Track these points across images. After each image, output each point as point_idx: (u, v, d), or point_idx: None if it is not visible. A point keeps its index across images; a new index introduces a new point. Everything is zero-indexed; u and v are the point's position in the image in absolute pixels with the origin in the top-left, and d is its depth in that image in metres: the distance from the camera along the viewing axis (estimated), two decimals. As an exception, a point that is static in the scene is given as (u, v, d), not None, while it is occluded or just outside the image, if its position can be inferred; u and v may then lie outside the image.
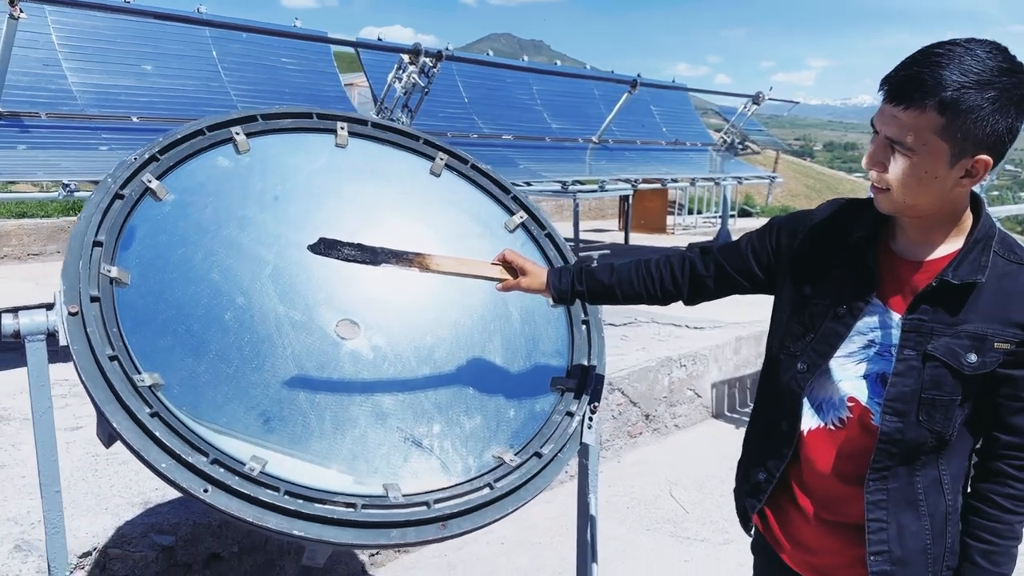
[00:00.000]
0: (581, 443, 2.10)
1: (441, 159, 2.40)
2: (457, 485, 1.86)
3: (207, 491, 1.60)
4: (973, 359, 1.43)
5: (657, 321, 6.45)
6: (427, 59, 7.12)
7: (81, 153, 5.29)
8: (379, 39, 8.00)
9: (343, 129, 2.31)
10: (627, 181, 9.23)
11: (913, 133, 1.35)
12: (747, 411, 5.62)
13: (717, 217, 14.57)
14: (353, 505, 1.70)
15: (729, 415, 5.87)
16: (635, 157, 10.61)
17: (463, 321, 2.18)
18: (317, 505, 1.67)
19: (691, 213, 16.28)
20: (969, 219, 1.48)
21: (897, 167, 1.39)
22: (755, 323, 6.10)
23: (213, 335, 1.88)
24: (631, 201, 12.86)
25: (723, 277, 1.80)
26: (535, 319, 2.24)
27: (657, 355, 5.37)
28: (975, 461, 1.55)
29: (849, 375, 1.54)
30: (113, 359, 1.67)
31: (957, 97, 1.31)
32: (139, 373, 1.70)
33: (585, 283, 1.94)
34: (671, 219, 15.43)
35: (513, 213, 2.39)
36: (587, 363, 2.19)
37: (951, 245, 1.48)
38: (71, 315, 1.71)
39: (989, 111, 1.32)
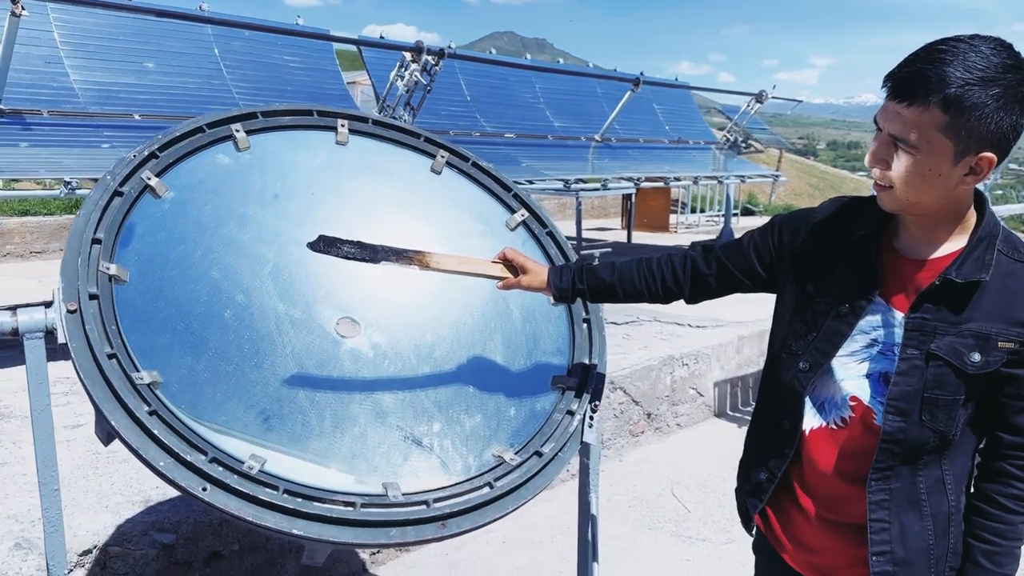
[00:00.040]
0: (582, 442, 2.09)
1: (442, 157, 2.39)
2: (457, 484, 1.85)
3: (205, 489, 1.59)
4: (977, 358, 1.42)
5: (659, 320, 6.43)
6: (429, 57, 7.10)
7: (83, 151, 5.29)
8: (382, 37, 7.99)
9: (343, 126, 2.30)
10: (630, 179, 9.21)
11: (917, 130, 1.34)
12: (749, 410, 5.60)
13: (720, 216, 14.55)
14: (352, 504, 1.69)
15: (731, 414, 5.86)
16: (638, 155, 10.59)
17: (464, 319, 2.17)
18: (316, 504, 1.66)
19: (694, 212, 16.27)
20: (973, 217, 1.47)
21: (900, 164, 1.38)
22: (757, 322, 6.09)
23: (212, 333, 1.87)
24: (634, 200, 12.83)
25: (725, 275, 1.79)
26: (536, 317, 2.23)
27: (659, 354, 5.35)
28: (978, 461, 1.54)
29: (851, 374, 1.53)
30: (112, 357, 1.67)
31: (961, 94, 1.30)
32: (138, 371, 1.70)
33: (586, 281, 1.93)
34: (674, 218, 15.42)
35: (514, 211, 2.38)
36: (588, 362, 2.18)
37: (955, 243, 1.46)
38: (69, 313, 1.70)
39: (993, 108, 1.30)
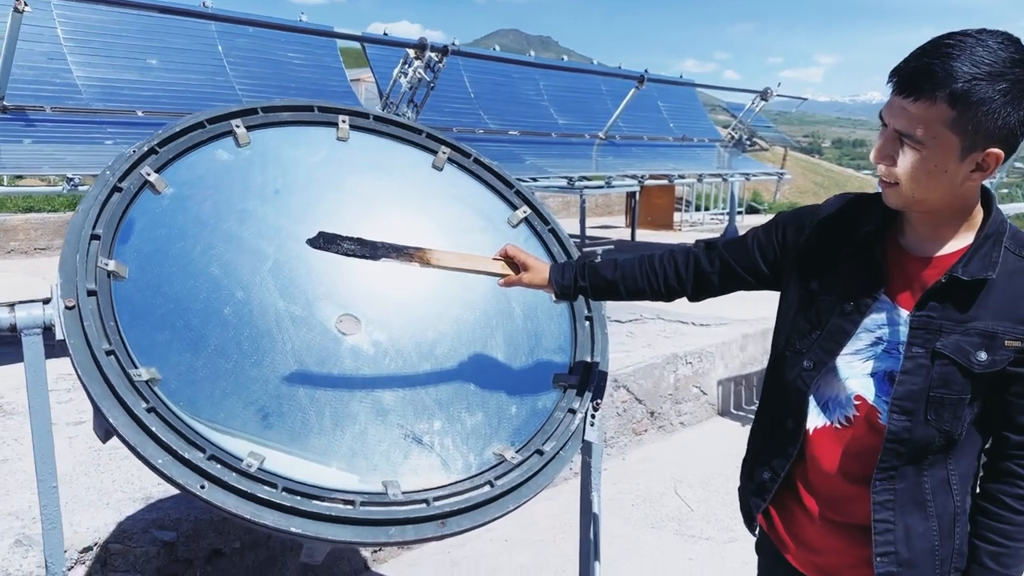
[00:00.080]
0: (584, 440, 2.07)
1: (444, 153, 2.38)
2: (457, 483, 1.84)
3: (204, 487, 1.58)
4: (983, 357, 1.40)
5: (663, 318, 6.42)
6: (433, 54, 7.09)
7: (86, 147, 5.30)
8: (385, 34, 7.99)
9: (344, 122, 2.29)
10: (634, 177, 9.20)
11: (923, 126, 1.32)
12: (753, 409, 5.58)
13: (724, 214, 14.53)
14: (352, 502, 1.68)
15: (735, 413, 5.84)
16: (642, 153, 10.58)
17: (465, 317, 2.15)
18: (315, 502, 1.65)
19: (698, 210, 16.25)
20: (980, 214, 1.45)
21: (906, 161, 1.36)
22: (761, 320, 6.07)
23: (212, 330, 1.86)
24: (638, 197, 12.82)
25: (728, 273, 1.77)
26: (537, 315, 2.21)
27: (663, 352, 5.34)
28: (984, 461, 1.52)
29: (856, 373, 1.51)
30: (110, 353, 1.66)
31: (968, 89, 1.28)
32: (136, 368, 1.69)
33: (588, 279, 1.92)
34: (678, 216, 15.40)
35: (516, 208, 2.37)
36: (590, 360, 2.16)
37: (961, 241, 1.44)
38: (68, 309, 1.69)
39: (1001, 103, 1.28)
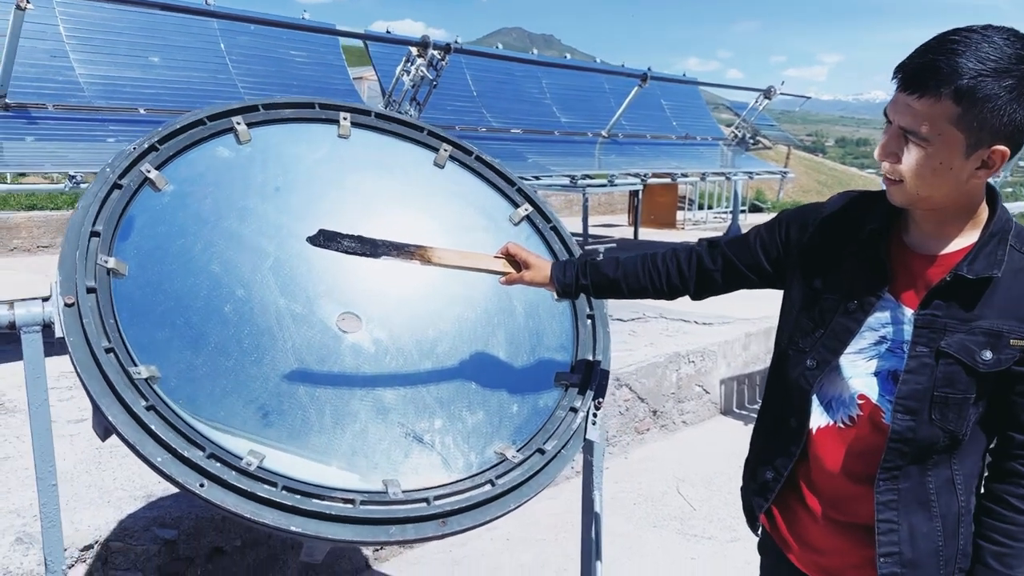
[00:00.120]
0: (585, 439, 2.06)
1: (445, 150, 2.37)
2: (458, 481, 1.83)
3: (203, 486, 1.57)
4: (988, 356, 1.39)
5: (665, 316, 6.40)
6: (435, 52, 7.09)
7: (88, 145, 5.29)
8: (388, 32, 7.98)
9: (346, 119, 2.28)
10: (637, 176, 9.18)
11: (928, 123, 1.31)
12: (756, 408, 5.57)
13: (728, 212, 14.52)
14: (352, 501, 1.67)
15: (738, 412, 5.82)
16: (645, 151, 10.56)
17: (466, 315, 2.14)
18: (315, 501, 1.64)
19: (701, 208, 16.24)
20: (985, 212, 1.44)
21: (911, 158, 1.35)
22: (764, 319, 6.05)
23: (212, 327, 1.85)
24: (641, 196, 12.80)
25: (731, 271, 1.76)
26: (539, 313, 2.20)
27: (665, 351, 5.32)
28: (989, 461, 1.51)
29: (859, 372, 1.50)
30: (109, 351, 1.65)
31: (974, 85, 1.26)
32: (135, 365, 1.68)
33: (589, 277, 1.91)
34: (681, 214, 15.39)
35: (518, 205, 2.36)
36: (592, 358, 2.15)
37: (966, 239, 1.43)
38: (67, 306, 1.68)
39: (1006, 100, 1.27)
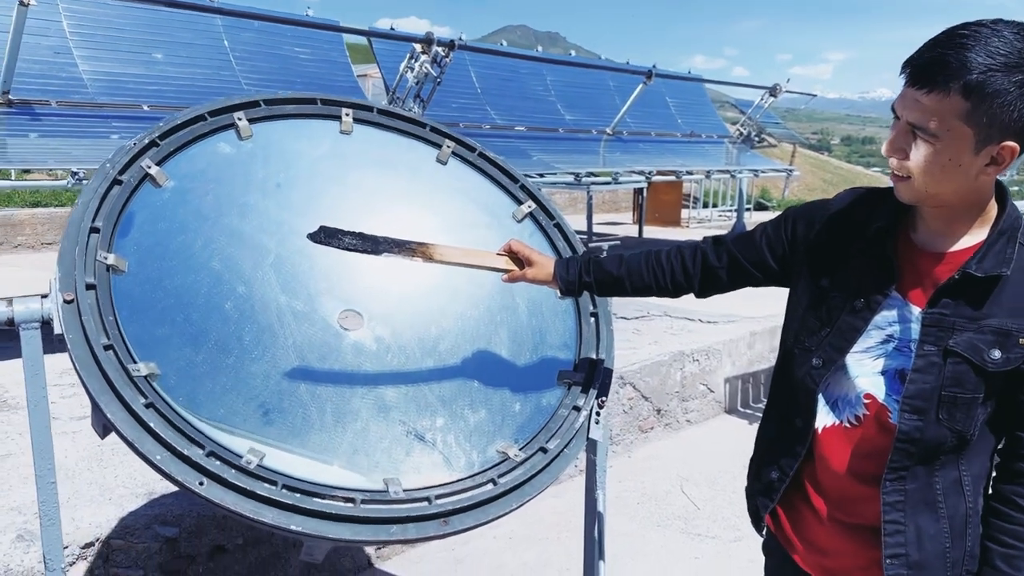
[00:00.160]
0: (588, 438, 2.05)
1: (448, 147, 2.35)
2: (460, 480, 1.82)
3: (202, 484, 1.56)
4: (996, 355, 1.37)
5: (670, 315, 6.38)
6: (439, 48, 7.07)
7: (92, 141, 5.29)
8: (392, 29, 7.97)
9: (348, 115, 2.27)
10: (641, 173, 9.15)
11: (936, 118, 1.29)
12: (760, 407, 5.55)
13: (732, 211, 14.48)
14: (352, 500, 1.66)
15: (742, 411, 5.80)
16: (650, 149, 10.53)
17: (469, 312, 2.13)
18: (315, 500, 1.63)
19: (706, 206, 16.20)
20: (994, 209, 1.42)
21: (919, 154, 1.33)
22: (769, 317, 6.03)
23: (213, 324, 1.84)
24: (645, 194, 12.77)
25: (736, 269, 1.74)
26: (542, 311, 2.19)
27: (669, 349, 5.31)
28: (997, 462, 1.49)
29: (866, 371, 1.48)
30: (108, 348, 1.64)
31: (983, 80, 1.24)
32: (135, 363, 1.67)
33: (593, 274, 1.89)
34: (686, 212, 15.36)
35: (521, 202, 2.34)
36: (595, 356, 2.13)
37: (975, 236, 1.41)
38: (66, 303, 1.67)
39: (1016, 95, 1.25)
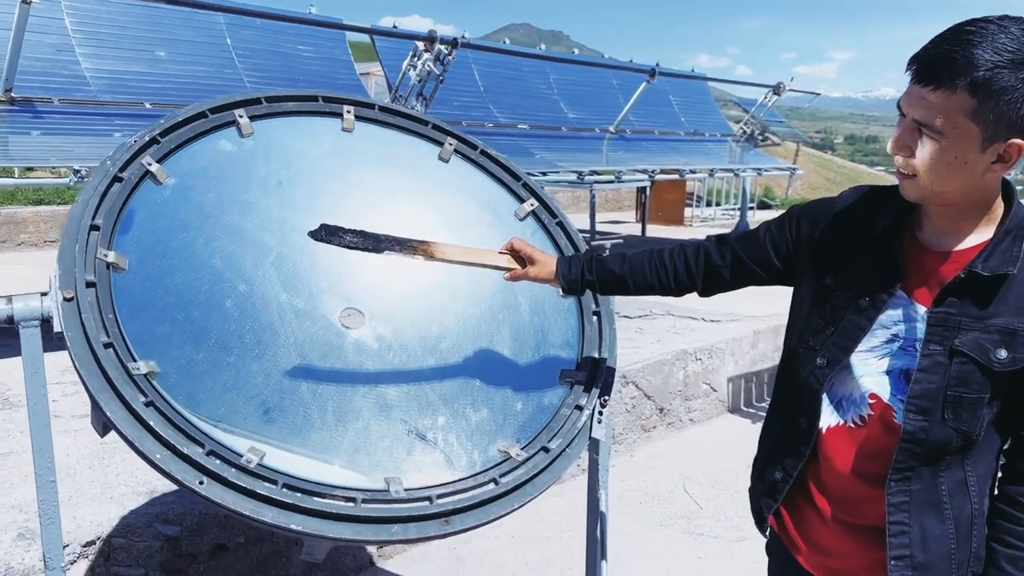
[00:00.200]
0: (590, 438, 2.04)
1: (450, 144, 2.34)
2: (461, 480, 1.81)
3: (202, 483, 1.55)
4: (1003, 355, 1.35)
5: (673, 314, 6.37)
6: (442, 46, 7.06)
7: (94, 139, 5.28)
8: (395, 27, 7.96)
9: (349, 113, 2.26)
10: (644, 172, 9.14)
11: (942, 115, 1.28)
12: (764, 406, 5.54)
13: (736, 209, 14.46)
14: (353, 499, 1.65)
15: (745, 410, 5.79)
16: (653, 147, 10.52)
17: (470, 311, 2.12)
18: (316, 499, 1.62)
19: (709, 205, 16.17)
20: (1000, 207, 1.40)
21: (925, 152, 1.32)
22: (773, 316, 6.01)
23: (213, 323, 1.83)
24: (648, 192, 12.75)
25: (740, 267, 1.73)
26: (544, 310, 2.18)
27: (672, 348, 5.29)
28: (1002, 463, 1.48)
29: (871, 371, 1.47)
30: (108, 346, 1.63)
31: (990, 77, 1.23)
32: (135, 361, 1.66)
33: (595, 273, 1.88)
34: (689, 211, 15.34)
35: (523, 200, 2.33)
36: (598, 356, 2.12)
37: (981, 235, 1.40)
38: (66, 301, 1.66)
39: (1024, 92, 1.24)
